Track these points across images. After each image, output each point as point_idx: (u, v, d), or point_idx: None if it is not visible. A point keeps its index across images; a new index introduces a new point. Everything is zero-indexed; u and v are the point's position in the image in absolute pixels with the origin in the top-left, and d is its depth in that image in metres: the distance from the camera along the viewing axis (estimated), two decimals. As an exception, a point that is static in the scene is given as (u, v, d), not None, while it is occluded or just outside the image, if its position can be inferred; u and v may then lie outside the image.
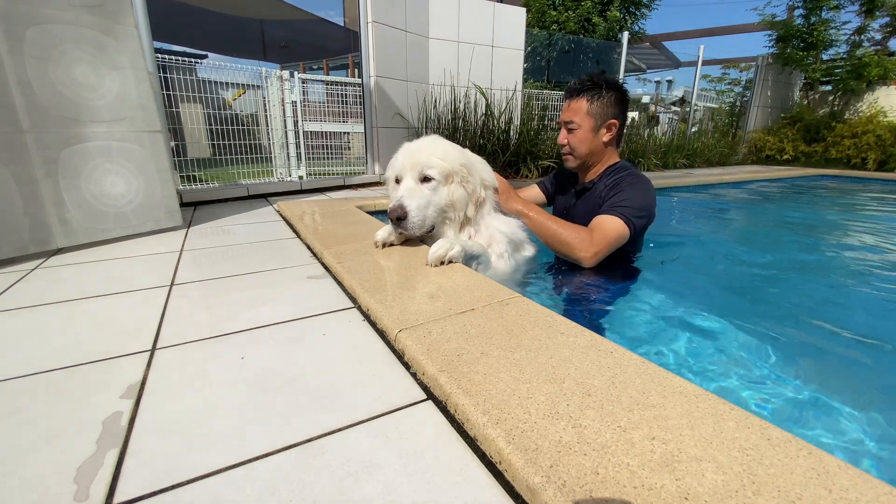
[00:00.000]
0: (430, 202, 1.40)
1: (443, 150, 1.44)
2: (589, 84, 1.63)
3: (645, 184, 1.62)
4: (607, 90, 1.62)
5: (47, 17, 1.58)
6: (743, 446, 0.55)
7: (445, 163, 1.41)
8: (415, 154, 1.42)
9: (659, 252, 2.04)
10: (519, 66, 4.71)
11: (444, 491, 0.54)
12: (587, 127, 1.64)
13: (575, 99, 1.65)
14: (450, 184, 1.43)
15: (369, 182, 3.72)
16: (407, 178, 1.42)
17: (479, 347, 0.80)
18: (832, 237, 2.80)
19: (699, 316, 1.36)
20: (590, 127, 1.64)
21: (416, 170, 1.41)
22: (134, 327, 0.99)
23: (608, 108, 1.63)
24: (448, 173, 1.41)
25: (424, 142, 1.48)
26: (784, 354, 1.15)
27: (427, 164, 1.40)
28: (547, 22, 8.20)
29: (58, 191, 1.63)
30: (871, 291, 1.72)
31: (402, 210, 1.35)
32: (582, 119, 1.64)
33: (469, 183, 1.45)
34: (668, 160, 6.01)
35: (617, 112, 1.64)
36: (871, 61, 6.83)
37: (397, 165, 1.46)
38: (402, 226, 1.38)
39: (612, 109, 1.63)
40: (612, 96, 1.62)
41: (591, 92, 1.62)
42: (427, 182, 1.41)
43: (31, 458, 0.60)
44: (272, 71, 3.56)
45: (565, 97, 1.72)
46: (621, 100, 1.64)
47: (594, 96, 1.61)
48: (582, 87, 1.64)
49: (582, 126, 1.64)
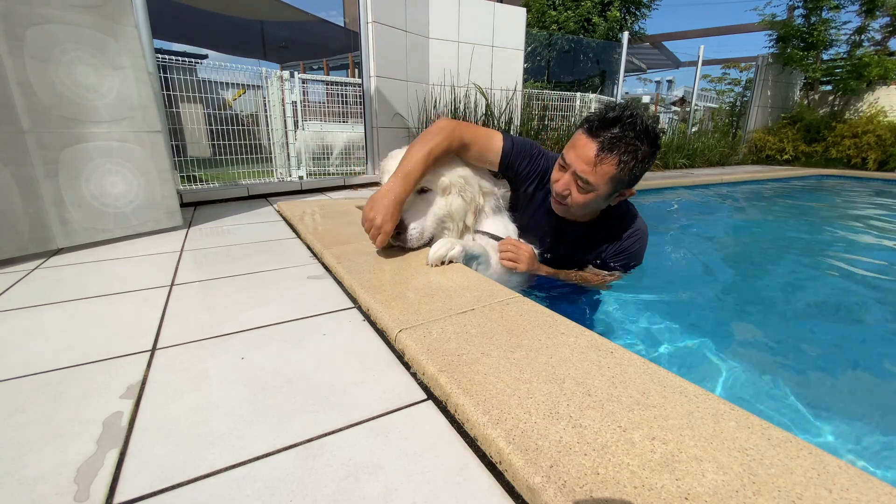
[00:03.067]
0: (428, 214, 1.38)
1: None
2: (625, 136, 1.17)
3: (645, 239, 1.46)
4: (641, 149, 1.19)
5: (47, 18, 1.58)
6: (743, 446, 0.55)
7: (444, 176, 1.38)
8: None
9: (658, 251, 2.03)
10: (519, 66, 4.71)
11: (445, 491, 0.54)
12: (603, 193, 1.25)
13: (605, 154, 1.18)
14: (447, 195, 1.40)
15: (369, 182, 3.72)
16: None
17: (480, 347, 0.80)
18: (831, 236, 2.80)
19: (693, 318, 1.36)
20: (606, 193, 1.26)
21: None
22: (134, 327, 0.99)
23: (638, 172, 1.23)
24: (445, 185, 1.39)
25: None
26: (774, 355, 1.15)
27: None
28: (547, 22, 8.21)
29: (58, 191, 1.63)
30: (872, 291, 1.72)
31: (401, 224, 1.33)
32: (602, 184, 1.22)
33: (467, 192, 1.42)
34: (668, 160, 6.01)
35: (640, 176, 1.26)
36: (872, 61, 6.83)
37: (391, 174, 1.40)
38: (401, 239, 1.35)
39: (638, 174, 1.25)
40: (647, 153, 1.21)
41: (628, 149, 1.18)
42: (424, 193, 1.39)
43: (31, 458, 0.60)
44: (272, 71, 3.56)
45: (588, 134, 1.21)
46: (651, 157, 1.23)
47: (629, 157, 1.18)
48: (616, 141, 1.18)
49: (598, 191, 1.24)
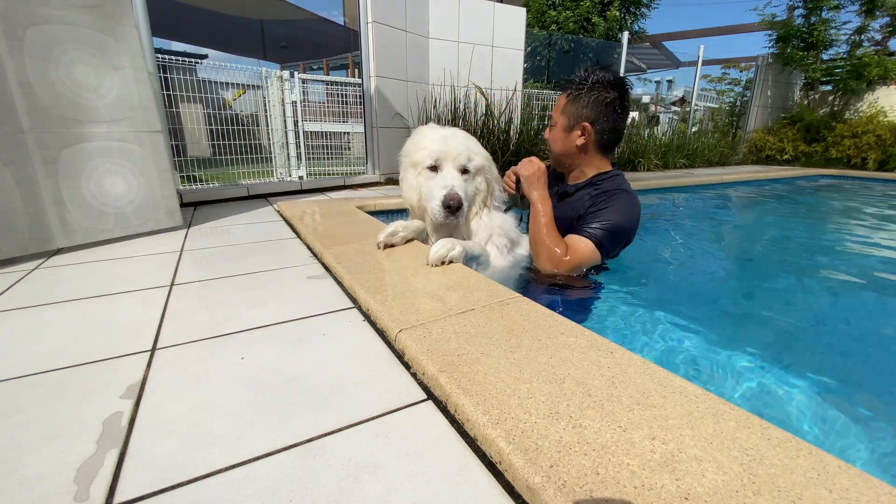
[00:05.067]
0: (468, 194, 1.42)
1: (475, 143, 1.47)
2: (577, 80, 1.51)
3: (629, 205, 1.47)
4: (590, 90, 1.47)
5: (47, 18, 1.58)
6: (743, 446, 0.55)
7: (480, 157, 1.43)
8: (452, 143, 1.40)
9: (656, 252, 2.04)
10: (519, 66, 4.71)
11: (445, 491, 0.54)
12: (560, 125, 1.56)
13: (561, 93, 1.57)
14: (476, 177, 1.45)
15: (369, 182, 3.72)
16: (449, 167, 1.40)
17: (480, 347, 0.80)
18: (829, 235, 2.80)
19: (688, 318, 1.36)
20: (562, 126, 1.55)
21: (459, 160, 1.39)
22: (134, 327, 1.00)
23: (583, 110, 1.48)
24: (480, 167, 1.44)
25: (455, 132, 1.46)
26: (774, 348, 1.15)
27: (469, 155, 1.41)
28: (546, 22, 8.21)
29: (58, 191, 1.63)
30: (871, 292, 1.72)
31: (459, 199, 1.33)
32: (557, 116, 1.56)
33: (490, 174, 1.47)
34: (668, 160, 6.00)
35: (593, 115, 1.48)
36: (871, 61, 6.83)
37: (434, 151, 1.39)
38: (457, 215, 1.35)
39: (587, 111, 1.48)
40: (597, 96, 1.47)
41: (572, 88, 1.51)
42: (465, 174, 1.42)
43: (31, 458, 0.60)
44: (272, 71, 3.56)
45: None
46: (604, 102, 1.47)
47: (573, 94, 1.50)
48: (568, 82, 1.53)
49: (556, 123, 1.57)
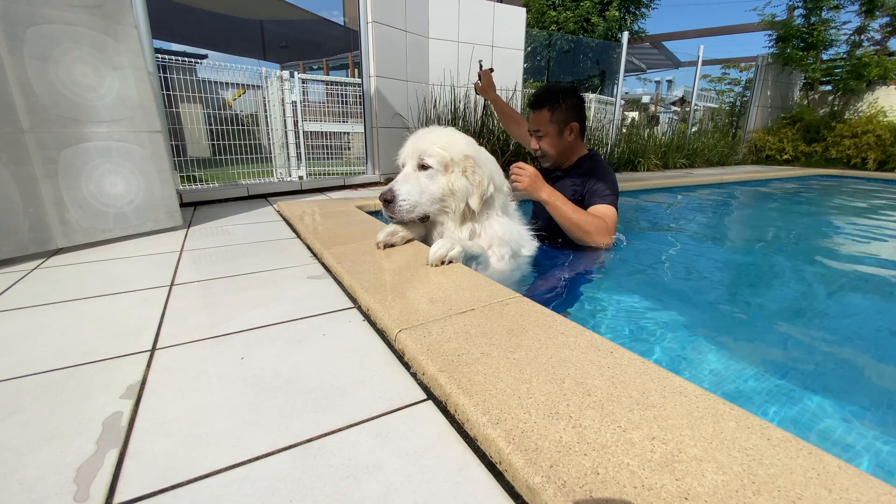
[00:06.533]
0: (424, 190, 1.41)
1: (447, 140, 1.44)
2: (547, 96, 1.88)
3: (612, 171, 1.92)
4: (564, 98, 1.87)
5: (47, 18, 1.58)
6: (743, 446, 0.55)
7: (445, 152, 1.41)
8: (416, 142, 1.44)
9: (658, 251, 2.04)
10: (519, 66, 4.71)
11: (445, 491, 0.54)
12: (553, 132, 1.91)
13: (538, 111, 1.90)
14: (449, 173, 1.42)
15: (369, 182, 3.72)
16: (407, 165, 1.44)
17: (480, 347, 0.80)
18: (828, 235, 2.80)
19: (688, 318, 1.36)
20: (555, 132, 1.91)
21: (415, 157, 1.42)
22: (134, 327, 0.99)
23: (567, 113, 1.89)
24: (447, 163, 1.41)
25: (431, 131, 1.48)
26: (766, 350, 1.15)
27: (426, 151, 1.41)
28: (546, 22, 8.21)
29: (58, 191, 1.63)
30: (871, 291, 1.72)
31: (391, 193, 1.38)
32: (547, 127, 1.90)
33: (475, 174, 1.43)
34: (668, 160, 6.01)
35: (574, 115, 1.90)
36: (871, 61, 6.83)
37: (403, 152, 1.48)
38: (390, 209, 1.40)
39: (570, 114, 1.89)
40: (570, 102, 1.88)
41: (550, 103, 1.87)
42: (424, 170, 1.42)
43: (31, 458, 0.60)
44: (272, 71, 3.56)
45: (530, 108, 1.97)
46: (577, 104, 1.92)
47: (553, 107, 1.87)
48: (542, 100, 1.89)
49: (548, 133, 1.91)
